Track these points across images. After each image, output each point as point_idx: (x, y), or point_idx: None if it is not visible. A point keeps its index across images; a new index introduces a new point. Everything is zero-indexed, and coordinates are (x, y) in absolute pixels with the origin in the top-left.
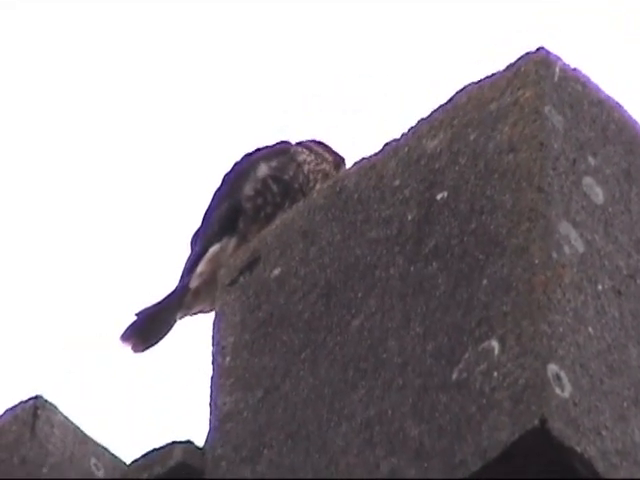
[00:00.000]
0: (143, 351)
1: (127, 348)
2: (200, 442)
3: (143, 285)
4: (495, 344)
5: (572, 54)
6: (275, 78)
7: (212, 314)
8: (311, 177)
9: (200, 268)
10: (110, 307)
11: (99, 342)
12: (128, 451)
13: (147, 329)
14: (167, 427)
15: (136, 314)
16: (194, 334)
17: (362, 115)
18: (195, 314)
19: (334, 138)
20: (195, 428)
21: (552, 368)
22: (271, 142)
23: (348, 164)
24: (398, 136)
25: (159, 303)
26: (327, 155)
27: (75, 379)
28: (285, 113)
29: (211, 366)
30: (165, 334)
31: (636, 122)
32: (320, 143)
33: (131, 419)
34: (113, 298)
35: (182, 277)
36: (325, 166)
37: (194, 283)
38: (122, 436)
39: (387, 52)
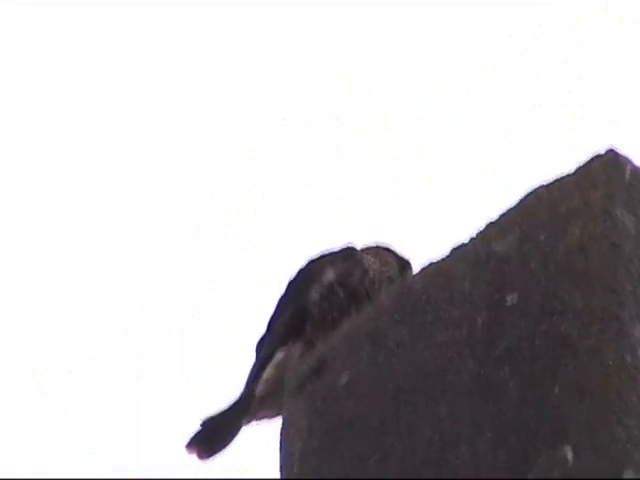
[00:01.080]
0: (209, 459)
1: (193, 457)
2: None
3: (208, 393)
4: (569, 450)
5: None
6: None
7: (277, 420)
8: (377, 282)
9: (266, 374)
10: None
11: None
12: None
13: (212, 437)
14: None
15: (201, 423)
16: (261, 441)
17: (427, 219)
18: (261, 421)
19: (400, 242)
20: None
21: (629, 473)
22: (336, 247)
23: (415, 268)
24: (466, 240)
25: (224, 411)
26: (392, 259)
27: None
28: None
29: (279, 474)
30: (231, 441)
31: None
32: (385, 248)
33: None
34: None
35: (247, 383)
36: (390, 271)
37: (260, 389)
38: None
39: (455, 159)
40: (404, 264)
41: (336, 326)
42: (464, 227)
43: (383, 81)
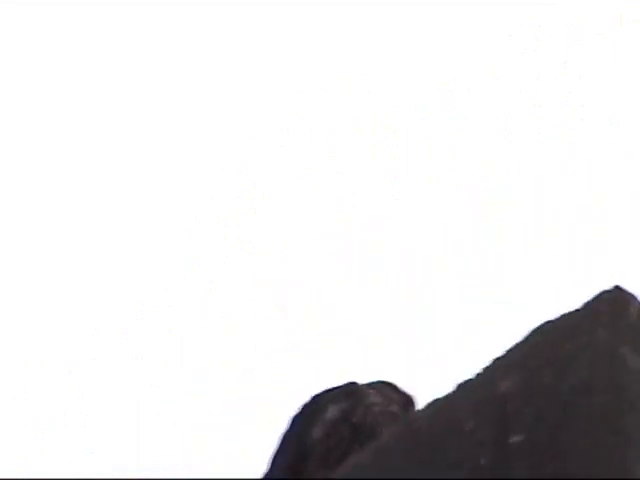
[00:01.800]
0: None
1: None
2: None
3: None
4: None
5: None
6: None
7: None
8: (380, 419)
9: None
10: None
11: None
12: None
13: None
14: None
15: None
16: None
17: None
18: None
19: (403, 379)
20: None
21: None
22: (339, 384)
23: (420, 404)
24: (472, 376)
25: None
26: (395, 396)
27: None
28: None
29: None
30: None
31: None
32: (388, 384)
33: None
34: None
35: None
36: (393, 407)
37: None
38: None
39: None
40: (407, 400)
41: (339, 464)
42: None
43: (383, 81)
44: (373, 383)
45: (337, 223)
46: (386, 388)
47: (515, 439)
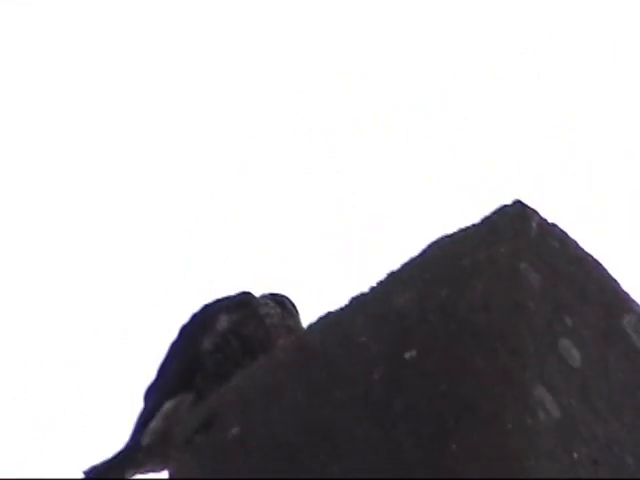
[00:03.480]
0: None
1: None
2: None
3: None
4: None
5: (549, 208)
6: None
7: (164, 473)
8: (273, 332)
9: (153, 425)
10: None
11: None
12: None
13: None
14: None
15: (84, 472)
16: None
17: (328, 266)
18: (147, 472)
19: (297, 293)
20: None
21: None
22: (232, 293)
23: (313, 318)
24: (366, 290)
25: (109, 460)
26: (289, 309)
27: None
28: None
29: None
30: None
31: (616, 281)
32: (283, 297)
33: None
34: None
35: (134, 433)
36: (288, 320)
37: (147, 440)
38: None
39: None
40: (298, 314)
41: (229, 378)
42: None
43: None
44: (267, 295)
45: (337, 223)
46: (280, 301)
47: (409, 355)
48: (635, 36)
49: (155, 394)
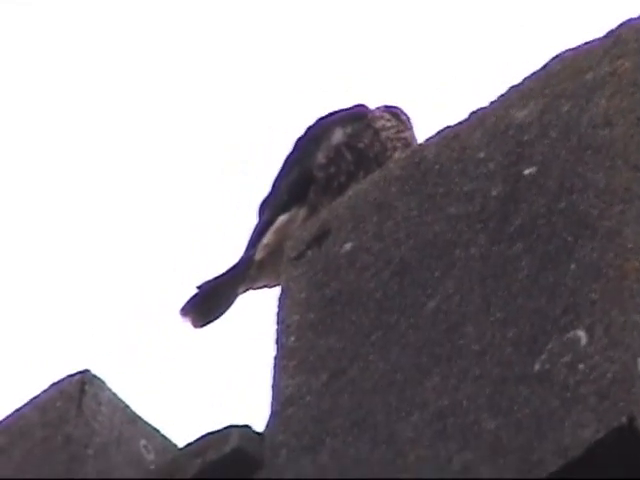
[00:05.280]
0: (202, 326)
1: (186, 323)
2: (259, 427)
3: (206, 256)
4: (582, 334)
5: None
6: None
7: (277, 289)
8: (389, 145)
9: (266, 239)
10: (169, 279)
11: (155, 315)
12: (180, 434)
13: (208, 303)
14: (224, 410)
15: (197, 287)
16: (258, 310)
17: (448, 82)
18: (259, 288)
19: (416, 105)
20: (254, 412)
21: None
22: (347, 107)
23: (430, 133)
24: (486, 104)
25: (222, 276)
26: (406, 122)
27: (126, 354)
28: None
29: (274, 346)
30: (227, 309)
31: None
32: (398, 108)
33: (185, 399)
34: (173, 269)
35: (247, 248)
36: (406, 134)
37: (259, 255)
38: (175, 417)
39: (479, 11)
40: (411, 128)
41: (342, 192)
42: (486, 91)
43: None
44: (382, 107)
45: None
46: (396, 113)
47: (528, 171)
48: None
49: (269, 208)
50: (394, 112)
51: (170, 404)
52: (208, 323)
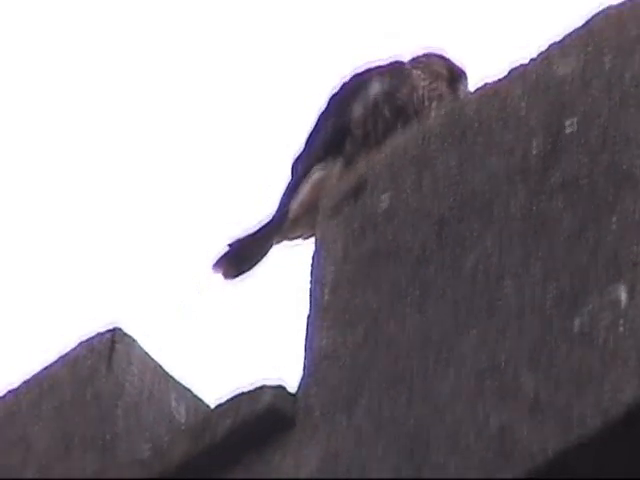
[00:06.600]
0: (235, 278)
1: (218, 276)
2: (292, 386)
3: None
4: (623, 292)
5: None
6: None
7: (311, 242)
8: (426, 100)
9: (301, 193)
10: (202, 234)
11: (186, 270)
12: (212, 393)
13: (241, 255)
14: (256, 368)
15: (229, 244)
16: (292, 264)
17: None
18: (293, 241)
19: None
20: (288, 370)
21: None
22: (383, 61)
23: (470, 88)
24: (526, 60)
25: (255, 230)
26: (444, 70)
27: (157, 311)
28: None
29: (308, 301)
30: (260, 261)
31: None
32: (437, 55)
33: (217, 357)
34: (204, 224)
35: (281, 202)
36: (441, 87)
37: (294, 208)
38: (206, 376)
39: None
40: (457, 76)
41: (379, 145)
42: (525, 47)
43: None
44: (420, 57)
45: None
46: (434, 61)
47: (570, 125)
48: None
49: (303, 162)
50: (429, 63)
51: (201, 362)
52: (240, 275)
